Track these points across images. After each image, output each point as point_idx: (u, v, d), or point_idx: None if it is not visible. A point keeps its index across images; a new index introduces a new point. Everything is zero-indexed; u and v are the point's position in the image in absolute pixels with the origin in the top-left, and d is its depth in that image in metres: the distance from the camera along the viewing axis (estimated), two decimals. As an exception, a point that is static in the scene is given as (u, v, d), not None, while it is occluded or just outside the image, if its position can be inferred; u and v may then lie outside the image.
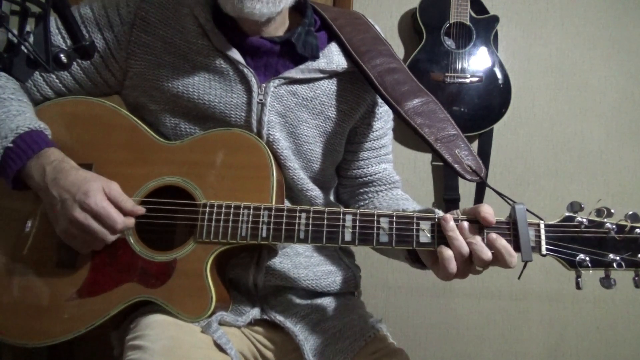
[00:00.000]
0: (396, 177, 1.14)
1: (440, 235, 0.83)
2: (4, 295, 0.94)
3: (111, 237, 0.90)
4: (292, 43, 0.98)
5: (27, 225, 0.96)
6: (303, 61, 1.00)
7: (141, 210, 0.92)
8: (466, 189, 1.91)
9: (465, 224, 0.82)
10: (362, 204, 1.13)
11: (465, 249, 0.81)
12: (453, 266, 0.81)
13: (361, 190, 1.13)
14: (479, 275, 0.85)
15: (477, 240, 0.81)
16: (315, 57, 1.00)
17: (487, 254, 0.80)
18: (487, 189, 1.82)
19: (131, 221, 0.91)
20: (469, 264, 0.82)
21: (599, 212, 0.82)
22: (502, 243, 0.80)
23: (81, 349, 1.51)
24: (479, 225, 0.82)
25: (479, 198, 1.91)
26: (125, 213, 0.90)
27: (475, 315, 1.95)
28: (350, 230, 0.87)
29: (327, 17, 1.05)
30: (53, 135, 0.94)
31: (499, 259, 0.81)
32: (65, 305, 0.92)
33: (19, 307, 0.93)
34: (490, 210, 0.82)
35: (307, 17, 1.02)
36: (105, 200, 0.88)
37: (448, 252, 0.81)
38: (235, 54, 0.97)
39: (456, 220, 0.82)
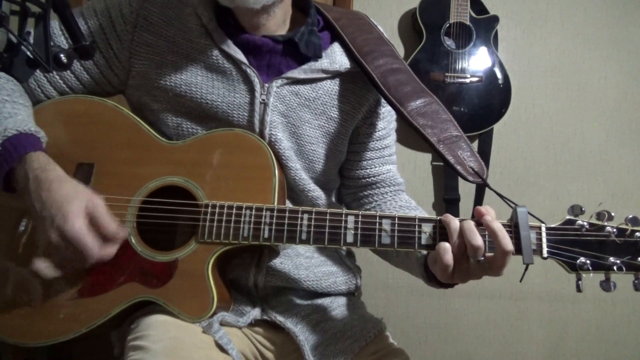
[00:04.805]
0: (400, 180, 1.13)
1: (442, 238, 0.84)
2: (4, 295, 0.93)
3: (85, 266, 0.85)
4: (295, 42, 0.98)
5: (28, 225, 0.95)
6: (306, 61, 1.00)
7: (124, 234, 0.88)
8: (466, 189, 1.91)
9: (470, 223, 0.82)
10: (367, 207, 1.12)
11: (461, 240, 0.81)
12: (449, 257, 0.81)
13: (365, 192, 1.12)
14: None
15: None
16: (318, 57, 1.00)
17: (478, 240, 0.80)
18: (486, 189, 1.81)
19: (111, 250, 0.86)
20: (466, 258, 0.82)
21: (599, 215, 0.82)
22: (497, 225, 0.80)
23: (81, 348, 1.51)
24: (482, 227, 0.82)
25: (479, 198, 1.91)
26: (107, 238, 0.85)
27: (475, 315, 1.95)
28: (352, 232, 0.87)
29: (330, 17, 1.05)
30: (53, 135, 0.93)
31: (494, 246, 0.80)
32: (65, 305, 0.92)
33: (19, 307, 0.93)
34: (487, 208, 0.83)
35: (311, 17, 1.02)
36: (84, 226, 0.82)
37: (445, 245, 0.82)
38: (238, 54, 0.97)
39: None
